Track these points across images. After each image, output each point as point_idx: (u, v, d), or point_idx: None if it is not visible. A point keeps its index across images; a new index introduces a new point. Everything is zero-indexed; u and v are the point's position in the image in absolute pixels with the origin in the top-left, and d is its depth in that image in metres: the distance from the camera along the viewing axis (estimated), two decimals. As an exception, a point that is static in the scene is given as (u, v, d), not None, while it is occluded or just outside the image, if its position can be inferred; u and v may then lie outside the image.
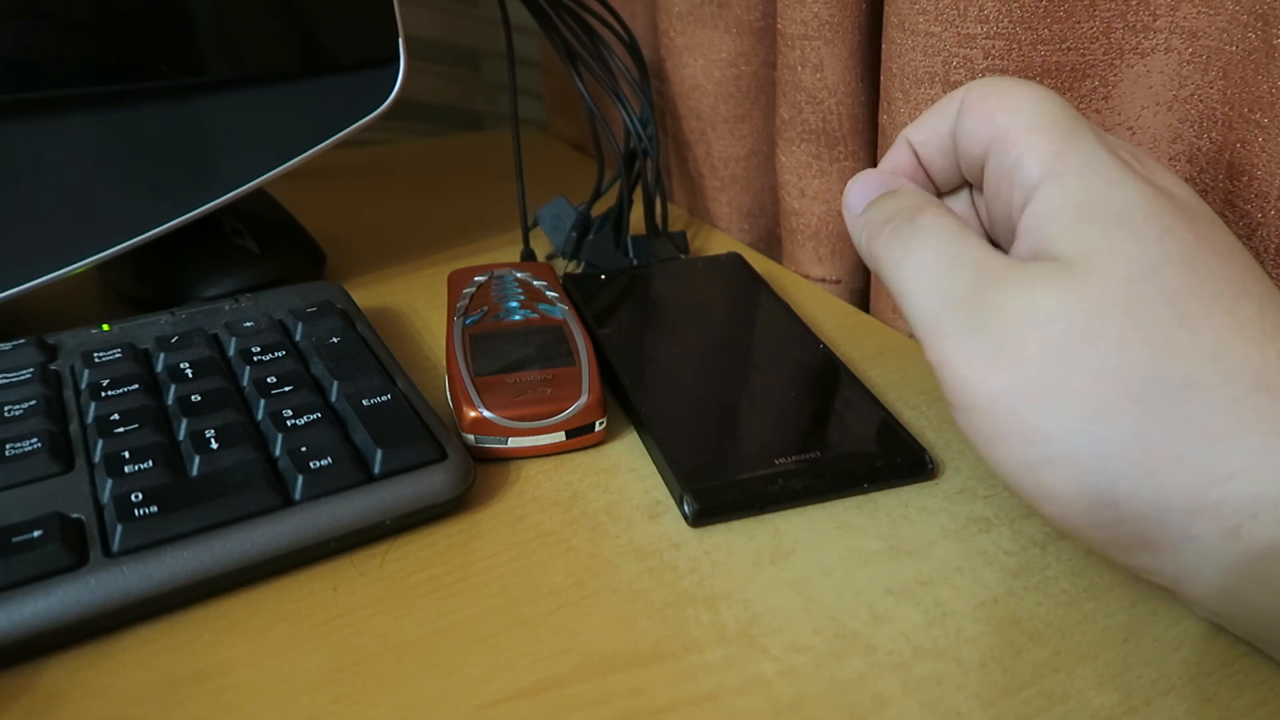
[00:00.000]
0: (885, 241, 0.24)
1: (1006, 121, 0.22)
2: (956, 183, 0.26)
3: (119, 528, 0.23)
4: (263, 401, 0.28)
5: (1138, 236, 0.19)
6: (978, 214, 0.26)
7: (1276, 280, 0.28)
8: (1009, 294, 0.20)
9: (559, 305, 0.35)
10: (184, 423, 0.27)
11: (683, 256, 0.44)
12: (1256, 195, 0.28)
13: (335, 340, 0.32)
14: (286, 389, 0.29)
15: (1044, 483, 0.20)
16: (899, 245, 0.23)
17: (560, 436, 0.29)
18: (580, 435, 0.30)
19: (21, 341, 0.31)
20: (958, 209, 0.26)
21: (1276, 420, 0.18)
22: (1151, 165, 0.22)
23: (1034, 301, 0.20)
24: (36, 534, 0.23)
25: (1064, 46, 0.32)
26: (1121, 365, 0.19)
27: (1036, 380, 0.19)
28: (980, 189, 0.25)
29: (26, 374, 0.30)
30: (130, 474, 0.25)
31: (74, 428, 0.28)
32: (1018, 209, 0.22)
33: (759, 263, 0.44)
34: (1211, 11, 0.30)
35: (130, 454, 0.26)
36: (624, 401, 0.32)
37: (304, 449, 0.26)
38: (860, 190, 0.26)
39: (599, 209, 0.46)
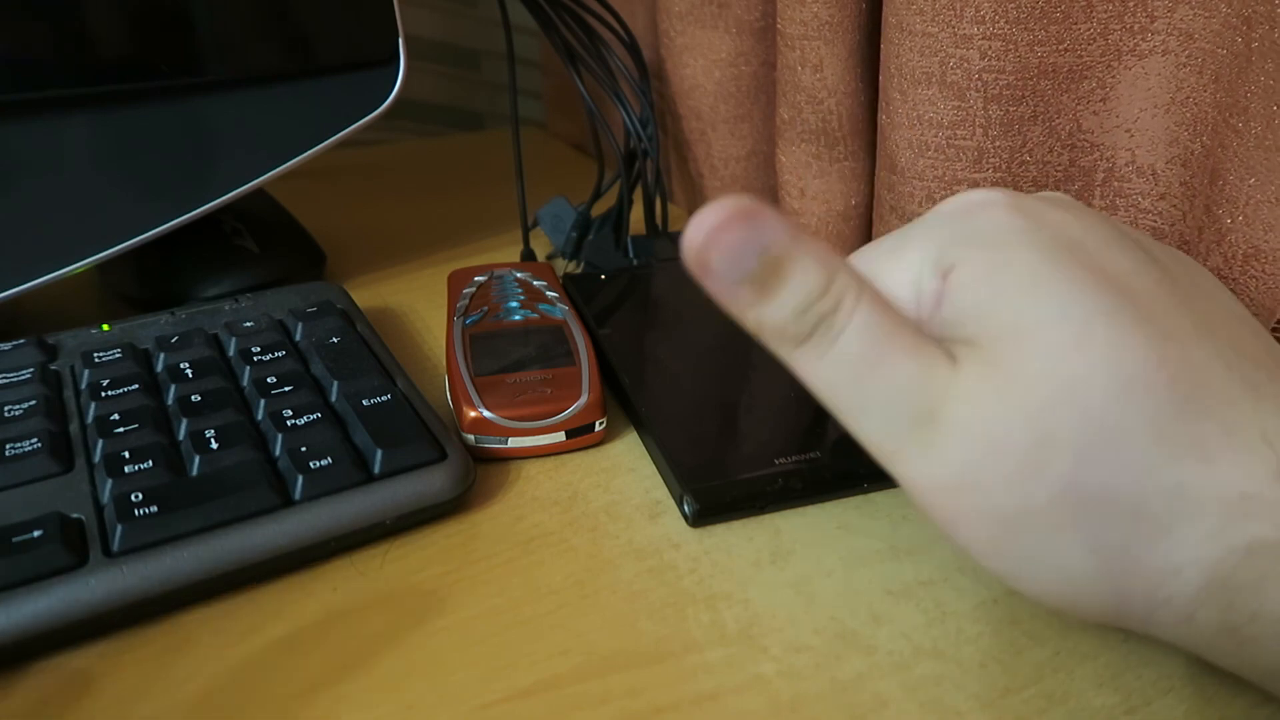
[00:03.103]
0: (796, 355, 0.19)
1: None
2: None
3: (119, 528, 0.23)
4: (263, 401, 0.28)
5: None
6: None
7: (1241, 284, 0.28)
8: (954, 420, 0.19)
9: (559, 305, 0.35)
10: (184, 423, 0.27)
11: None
12: (1227, 200, 0.28)
13: (335, 340, 0.32)
14: (286, 389, 0.29)
15: (1023, 589, 0.20)
16: (822, 365, 0.19)
17: (560, 436, 0.29)
18: (580, 435, 0.30)
19: (21, 341, 0.31)
20: None
21: (1219, 502, 0.18)
22: (1132, 245, 0.21)
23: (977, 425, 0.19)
24: (36, 534, 0.23)
25: (1061, 48, 0.32)
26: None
27: (996, 500, 0.19)
28: None
29: (26, 374, 0.30)
30: (130, 474, 0.25)
31: (74, 428, 0.28)
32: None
33: (758, 263, 0.44)
34: (1207, 14, 0.30)
35: (130, 454, 0.26)
36: (624, 401, 0.32)
37: (304, 449, 0.26)
38: (722, 254, 0.18)
39: (599, 209, 0.46)
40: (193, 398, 0.28)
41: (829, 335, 0.19)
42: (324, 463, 0.26)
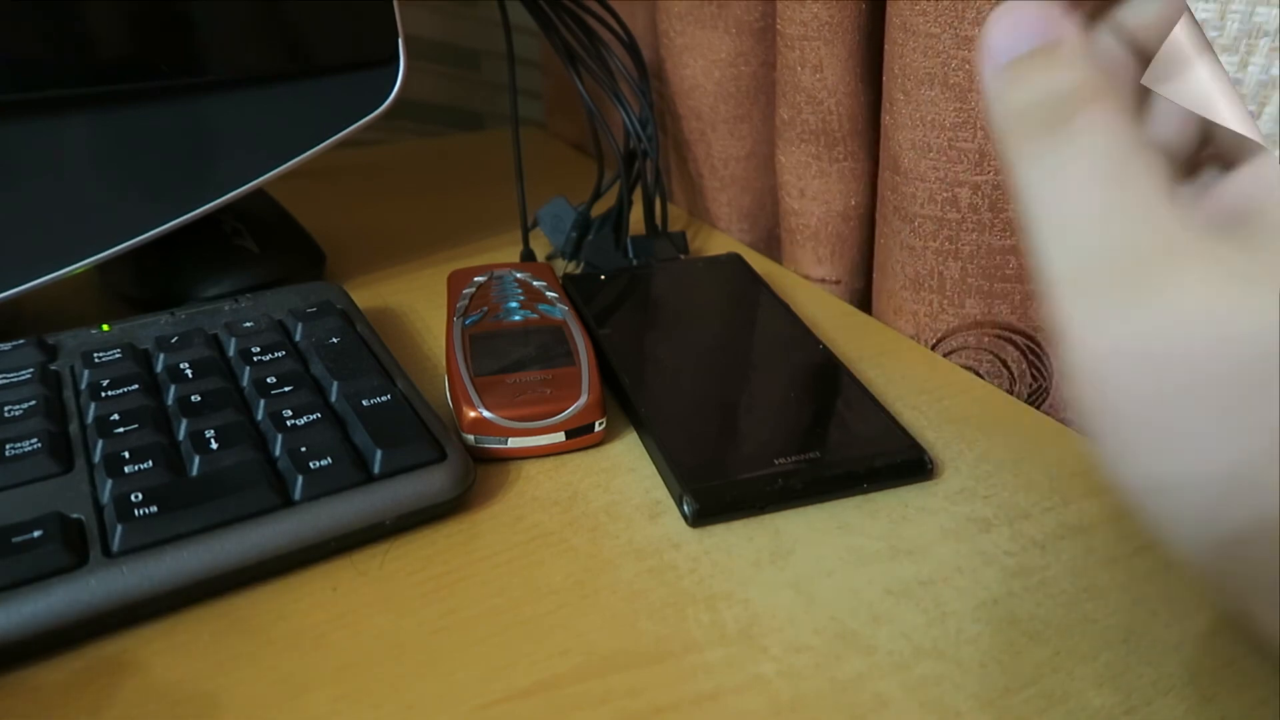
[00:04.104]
0: (1027, 147, 0.18)
1: None
2: None
3: (119, 528, 0.23)
4: (262, 401, 0.28)
5: None
6: None
7: None
8: (1183, 282, 0.16)
9: (559, 305, 0.35)
10: (184, 423, 0.27)
11: (683, 256, 0.44)
12: None
13: (335, 340, 0.32)
14: (286, 389, 0.29)
15: (1163, 511, 0.17)
16: (1047, 161, 0.17)
17: (560, 437, 0.29)
18: (580, 435, 0.30)
19: (21, 341, 0.31)
20: None
21: None
22: None
23: (1213, 305, 0.16)
24: (36, 534, 0.23)
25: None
26: None
27: (1192, 404, 0.15)
28: None
29: (26, 374, 0.30)
30: (130, 474, 0.25)
31: (74, 428, 0.28)
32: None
33: (759, 263, 0.44)
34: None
35: (130, 454, 0.26)
36: (624, 401, 0.32)
37: (304, 449, 0.26)
38: (1009, 33, 0.18)
39: (599, 209, 0.46)
40: (193, 398, 0.28)
41: (1067, 130, 0.17)
42: (324, 463, 0.26)
